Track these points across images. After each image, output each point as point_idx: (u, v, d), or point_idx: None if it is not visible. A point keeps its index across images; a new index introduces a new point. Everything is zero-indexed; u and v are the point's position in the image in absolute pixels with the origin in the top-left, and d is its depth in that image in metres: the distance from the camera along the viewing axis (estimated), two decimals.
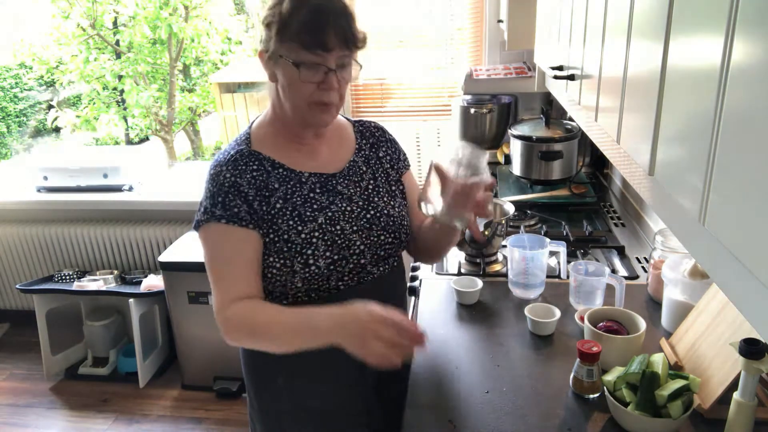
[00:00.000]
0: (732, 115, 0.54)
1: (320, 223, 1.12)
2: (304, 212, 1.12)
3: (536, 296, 1.49)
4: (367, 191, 1.21)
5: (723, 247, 0.55)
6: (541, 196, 2.13)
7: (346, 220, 1.15)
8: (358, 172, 1.22)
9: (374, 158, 1.26)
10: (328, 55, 1.05)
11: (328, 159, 1.20)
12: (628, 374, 1.04)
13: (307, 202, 1.13)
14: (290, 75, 1.07)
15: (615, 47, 0.96)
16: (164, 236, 2.99)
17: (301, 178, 1.15)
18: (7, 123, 6.31)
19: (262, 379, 1.24)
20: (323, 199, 1.15)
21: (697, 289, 1.23)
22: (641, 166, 0.80)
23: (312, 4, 1.04)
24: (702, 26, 0.61)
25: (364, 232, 1.16)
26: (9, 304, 3.37)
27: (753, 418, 0.93)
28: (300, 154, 1.18)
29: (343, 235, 1.13)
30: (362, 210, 1.17)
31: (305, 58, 1.05)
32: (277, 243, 1.10)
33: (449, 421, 1.09)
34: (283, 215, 1.11)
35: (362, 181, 1.21)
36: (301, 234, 1.10)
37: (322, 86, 1.07)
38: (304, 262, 1.09)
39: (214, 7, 4.93)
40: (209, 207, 1.10)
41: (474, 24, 2.83)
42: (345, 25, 1.05)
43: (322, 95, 1.08)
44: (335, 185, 1.17)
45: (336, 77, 1.07)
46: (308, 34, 1.03)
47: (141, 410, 2.67)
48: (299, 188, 1.14)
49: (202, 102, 5.37)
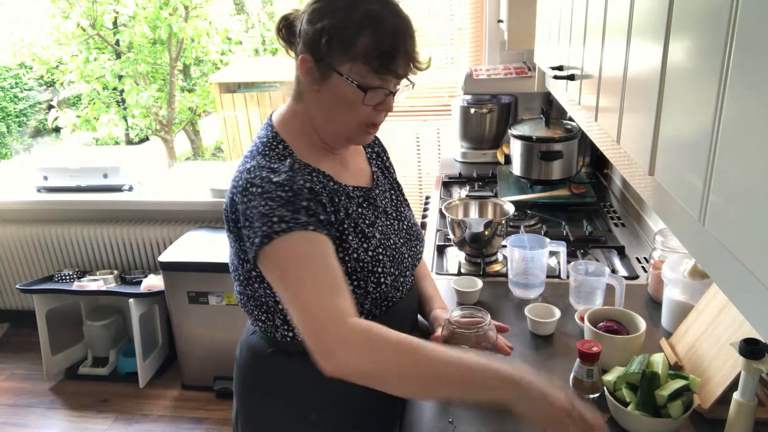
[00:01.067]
0: (732, 114, 0.54)
1: (378, 238, 1.07)
2: (365, 228, 1.06)
3: (536, 296, 1.49)
4: (394, 203, 1.19)
5: (723, 247, 0.55)
6: (541, 196, 2.13)
7: (393, 233, 1.12)
8: (381, 183, 1.20)
9: (383, 168, 1.25)
10: (395, 81, 1.00)
11: (356, 170, 1.16)
12: (628, 374, 1.04)
13: (361, 216, 1.07)
14: (349, 96, 0.97)
15: (615, 47, 0.96)
16: (164, 236, 2.99)
17: (348, 192, 1.07)
18: (7, 123, 6.31)
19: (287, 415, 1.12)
20: (369, 213, 1.10)
21: (697, 289, 1.23)
22: (641, 166, 0.80)
23: (390, 25, 0.95)
24: (702, 26, 0.61)
25: (408, 243, 1.15)
26: (9, 304, 3.37)
27: (753, 418, 0.93)
28: (335, 165, 1.09)
29: (397, 249, 1.10)
30: (399, 222, 1.16)
31: (372, 82, 0.97)
32: (348, 263, 1.01)
33: (449, 421, 1.08)
34: (350, 232, 1.03)
35: (386, 192, 1.19)
36: (368, 251, 1.04)
37: (379, 107, 1.01)
38: (377, 281, 1.04)
39: (214, 7, 4.94)
40: (288, 215, 0.91)
41: (474, 24, 2.83)
42: (414, 51, 0.99)
43: (377, 117, 1.03)
44: (375, 199, 1.13)
45: (393, 99, 1.03)
46: (382, 58, 0.95)
47: (141, 410, 2.67)
48: (350, 203, 1.06)
49: (202, 102, 5.38)
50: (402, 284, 1.13)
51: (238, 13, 5.83)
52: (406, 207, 1.23)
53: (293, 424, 1.13)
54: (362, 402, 1.09)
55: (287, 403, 1.12)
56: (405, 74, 1.00)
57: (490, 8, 2.74)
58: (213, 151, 6.25)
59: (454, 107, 2.64)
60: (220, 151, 6.22)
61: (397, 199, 1.21)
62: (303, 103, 1.05)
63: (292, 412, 1.12)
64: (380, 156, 1.28)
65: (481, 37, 2.82)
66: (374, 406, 1.14)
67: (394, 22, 0.95)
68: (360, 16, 0.94)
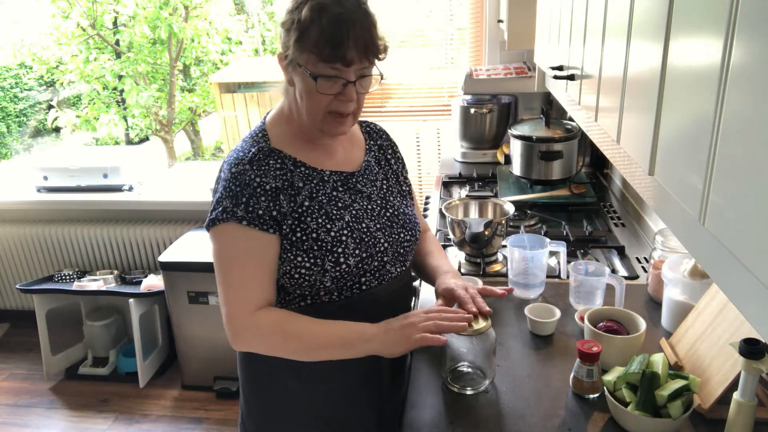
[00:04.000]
0: (732, 115, 0.54)
1: (347, 221, 1.12)
2: (331, 210, 1.11)
3: (536, 296, 1.49)
4: (383, 190, 1.22)
5: (723, 247, 0.55)
6: (541, 196, 2.13)
7: (369, 218, 1.16)
8: (373, 171, 1.23)
9: (383, 159, 1.28)
10: (347, 69, 1.03)
11: (344, 158, 1.21)
12: (628, 374, 1.04)
13: (332, 200, 1.13)
14: (307, 85, 1.05)
15: (615, 47, 0.96)
16: (164, 236, 2.99)
17: (323, 176, 1.14)
18: (7, 123, 6.31)
19: (266, 381, 1.23)
20: (346, 197, 1.15)
21: (697, 289, 1.23)
22: (641, 166, 0.80)
23: (332, 12, 1.00)
24: (702, 26, 0.61)
25: (386, 229, 1.17)
26: (9, 304, 3.37)
27: (753, 418, 0.93)
28: (318, 153, 1.17)
29: (369, 233, 1.14)
30: (381, 208, 1.19)
31: (323, 71, 1.03)
32: (306, 242, 1.08)
33: (449, 421, 1.09)
34: (311, 213, 1.09)
35: (377, 181, 1.23)
36: (331, 232, 1.09)
37: (340, 97, 1.06)
38: (335, 260, 1.09)
39: (214, 7, 4.94)
40: (230, 207, 1.05)
41: (474, 24, 2.83)
42: (367, 36, 1.02)
43: (339, 106, 1.07)
44: (355, 183, 1.18)
45: (354, 89, 1.05)
46: (327, 47, 1.00)
47: (141, 410, 2.67)
48: (323, 186, 1.13)
49: (202, 102, 5.38)
50: (376, 269, 1.15)
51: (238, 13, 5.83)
52: (398, 197, 1.25)
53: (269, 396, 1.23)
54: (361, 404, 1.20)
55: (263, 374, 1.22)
56: (359, 62, 1.02)
57: (490, 8, 2.74)
58: (213, 151, 6.25)
59: (454, 107, 2.64)
60: (220, 151, 6.23)
61: (388, 189, 1.24)
62: (287, 96, 1.15)
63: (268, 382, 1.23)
64: (383, 149, 1.30)
65: (481, 37, 2.82)
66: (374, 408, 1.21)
67: (336, 11, 1.00)
68: (308, 9, 1.00)
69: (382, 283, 1.17)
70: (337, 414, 1.20)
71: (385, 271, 1.17)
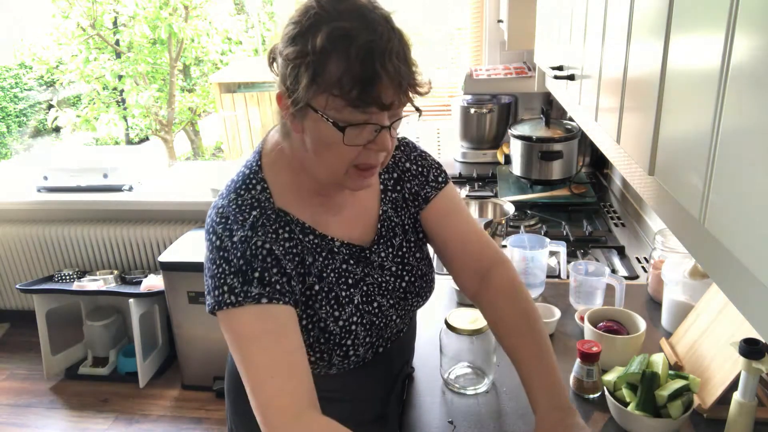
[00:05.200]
0: (732, 115, 0.54)
1: (356, 303, 0.94)
2: (340, 292, 0.93)
3: (536, 296, 1.49)
4: (401, 251, 1.01)
5: (723, 247, 0.55)
6: (541, 196, 2.13)
7: (381, 294, 0.98)
8: (390, 226, 1.01)
9: (401, 199, 1.03)
10: (382, 114, 0.80)
11: (356, 213, 0.99)
12: (628, 374, 1.04)
13: (342, 277, 0.94)
14: (329, 136, 0.80)
15: (615, 47, 0.96)
16: (164, 236, 2.99)
17: (332, 248, 0.94)
18: (7, 123, 6.31)
19: None
20: (357, 270, 0.96)
21: (697, 289, 1.23)
22: (641, 166, 0.80)
23: (361, 41, 0.75)
24: (702, 26, 0.61)
25: (400, 303, 1.00)
26: (9, 304, 3.37)
27: (753, 418, 0.93)
28: (324, 211, 0.95)
29: (380, 313, 0.97)
30: (397, 279, 1.00)
31: (352, 118, 0.78)
32: (312, 331, 0.91)
33: (449, 421, 1.08)
34: (320, 299, 0.91)
35: (395, 238, 1.01)
36: (339, 321, 0.92)
37: (370, 146, 0.82)
38: (344, 354, 0.93)
39: (214, 7, 4.93)
40: (239, 285, 0.82)
41: (474, 24, 2.83)
42: (404, 69, 0.78)
43: (369, 157, 0.83)
44: (369, 255, 0.99)
45: (389, 135, 0.82)
46: (358, 88, 0.75)
47: (141, 410, 2.67)
48: (332, 260, 0.93)
49: (202, 102, 5.37)
50: (384, 341, 1.02)
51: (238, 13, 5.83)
52: (417, 253, 1.04)
53: None
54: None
55: None
56: (396, 103, 0.79)
57: (490, 8, 2.74)
58: (213, 151, 6.24)
59: (454, 107, 2.64)
60: (220, 151, 6.22)
61: (407, 244, 1.02)
62: (289, 141, 0.90)
63: None
64: (403, 180, 1.03)
65: (481, 37, 2.82)
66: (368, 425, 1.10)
67: (367, 39, 0.75)
68: (325, 37, 0.76)
69: (389, 345, 1.05)
70: None
71: (393, 335, 1.05)
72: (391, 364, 1.10)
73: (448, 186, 1.06)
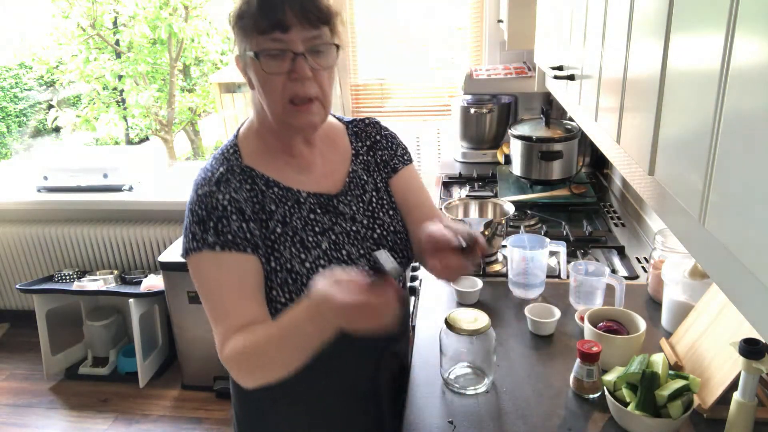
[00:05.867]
0: (732, 114, 0.54)
1: (325, 249, 1.01)
2: (306, 237, 1.01)
3: (536, 296, 1.49)
4: (371, 205, 1.10)
5: (723, 247, 0.55)
6: (541, 196, 2.13)
7: (351, 243, 1.04)
8: (360, 183, 1.10)
9: (373, 163, 1.14)
10: (288, 37, 0.90)
11: (324, 172, 1.08)
12: (628, 374, 1.04)
13: (308, 224, 1.02)
14: (258, 71, 0.93)
15: (615, 47, 0.96)
16: (164, 236, 2.99)
17: (299, 198, 1.03)
18: (7, 123, 6.31)
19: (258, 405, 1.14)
20: (325, 220, 1.04)
21: (697, 289, 1.23)
22: (641, 166, 0.80)
23: None
24: (702, 26, 0.61)
25: (372, 255, 1.04)
26: (9, 304, 3.37)
27: (753, 418, 0.93)
28: (292, 169, 1.05)
29: (350, 261, 1.03)
30: (368, 230, 1.07)
31: (264, 45, 0.91)
32: (279, 273, 0.98)
33: (449, 421, 1.09)
34: (284, 241, 0.99)
35: (365, 194, 1.10)
36: (306, 263, 0.98)
37: (293, 76, 0.92)
38: None
39: (214, 7, 4.93)
40: (199, 233, 0.95)
41: (474, 24, 2.83)
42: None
43: (296, 87, 0.93)
44: (336, 205, 1.06)
45: (307, 63, 0.92)
46: (261, 16, 0.89)
47: (141, 410, 2.67)
48: (298, 209, 1.02)
49: (202, 102, 5.37)
50: None
51: None
52: (390, 211, 1.12)
53: (284, 423, 1.13)
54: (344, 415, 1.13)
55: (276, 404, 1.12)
56: (300, 27, 0.90)
57: (490, 8, 2.74)
58: (213, 152, 6.24)
59: (454, 107, 2.64)
60: None
61: (378, 201, 1.11)
62: (254, 106, 1.03)
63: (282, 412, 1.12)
64: (375, 148, 1.15)
65: (481, 37, 2.82)
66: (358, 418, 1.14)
67: None
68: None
69: None
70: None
71: None
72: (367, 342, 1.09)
73: (413, 165, 1.19)
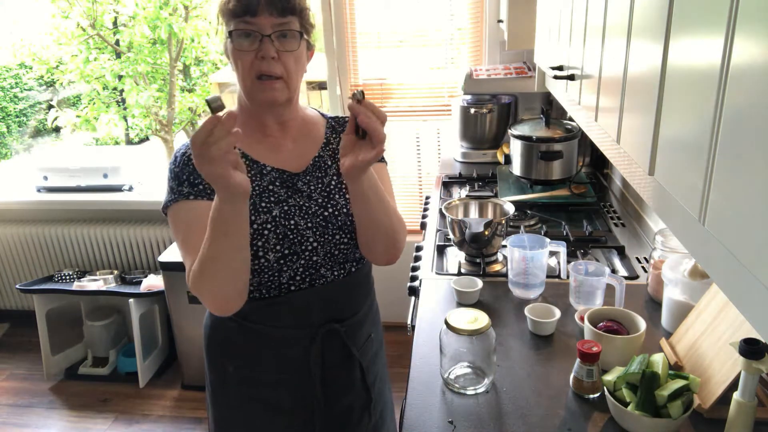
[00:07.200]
0: (732, 114, 0.54)
1: (274, 215, 1.11)
2: (260, 203, 1.11)
3: (536, 296, 1.49)
4: (329, 188, 1.18)
5: (723, 247, 0.55)
6: (541, 196, 2.13)
7: (300, 216, 1.13)
8: (323, 167, 1.19)
9: None
10: (257, 20, 1.04)
11: (292, 154, 1.18)
12: (628, 374, 1.04)
13: (265, 193, 1.13)
14: (232, 50, 1.07)
15: (615, 47, 0.96)
16: (164, 236, 2.99)
17: (262, 170, 1.14)
18: (7, 123, 6.31)
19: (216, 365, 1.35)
20: (281, 192, 1.14)
21: (697, 289, 1.23)
22: (641, 166, 0.80)
23: None
24: (702, 26, 0.61)
25: (319, 229, 1.14)
26: (9, 304, 3.37)
27: (753, 418, 0.93)
28: (263, 147, 1.16)
29: (297, 230, 1.12)
30: (320, 207, 1.15)
31: (237, 26, 1.05)
32: None
33: (449, 421, 1.09)
34: None
35: (325, 177, 1.18)
36: (253, 225, 1.09)
37: (259, 54, 1.05)
38: (254, 253, 1.09)
39: (214, 7, 4.93)
40: (176, 187, 1.11)
41: (474, 24, 2.82)
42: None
43: (262, 65, 1.05)
44: (295, 182, 1.16)
45: (273, 45, 1.05)
46: (237, 2, 1.04)
47: (141, 410, 2.67)
48: (258, 179, 1.13)
49: (202, 102, 5.37)
50: (302, 269, 1.13)
51: None
52: (346, 195, 1.17)
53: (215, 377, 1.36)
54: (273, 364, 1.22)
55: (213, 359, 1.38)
56: (269, 13, 1.03)
57: (490, 8, 2.74)
58: None
59: (454, 107, 2.64)
60: None
61: (337, 185, 1.18)
62: (236, 88, 1.15)
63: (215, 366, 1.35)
64: None
65: (481, 37, 2.82)
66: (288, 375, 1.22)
67: None
68: None
69: (313, 285, 1.15)
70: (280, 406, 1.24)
71: (318, 274, 1.15)
72: (310, 309, 1.17)
73: (384, 165, 1.26)
